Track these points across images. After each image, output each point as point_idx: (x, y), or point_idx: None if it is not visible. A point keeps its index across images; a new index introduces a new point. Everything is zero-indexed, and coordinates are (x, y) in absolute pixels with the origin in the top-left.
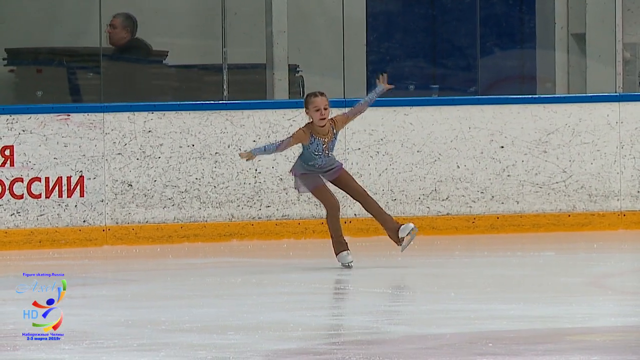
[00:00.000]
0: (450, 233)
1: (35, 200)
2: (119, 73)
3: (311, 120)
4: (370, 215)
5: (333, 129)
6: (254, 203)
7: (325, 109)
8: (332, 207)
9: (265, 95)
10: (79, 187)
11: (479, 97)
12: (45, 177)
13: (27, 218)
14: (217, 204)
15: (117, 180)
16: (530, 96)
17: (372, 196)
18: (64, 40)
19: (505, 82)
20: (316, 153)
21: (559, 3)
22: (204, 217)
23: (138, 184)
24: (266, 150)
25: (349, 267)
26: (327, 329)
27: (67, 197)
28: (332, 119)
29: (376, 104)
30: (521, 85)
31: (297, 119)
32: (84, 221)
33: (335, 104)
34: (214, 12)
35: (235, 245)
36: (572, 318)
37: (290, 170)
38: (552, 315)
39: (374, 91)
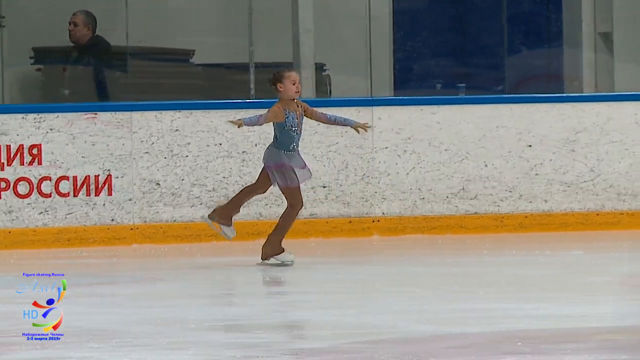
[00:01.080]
0: (479, 232)
1: (64, 198)
2: (146, 72)
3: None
4: (397, 214)
5: (300, 107)
6: (282, 202)
7: (299, 84)
8: (299, 208)
9: None
10: (106, 185)
11: (506, 95)
12: (73, 176)
13: (55, 217)
14: (245, 203)
15: (144, 179)
16: (558, 95)
17: (397, 195)
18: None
19: (533, 81)
20: (293, 128)
21: (586, 2)
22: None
23: (166, 182)
24: (250, 120)
25: (292, 264)
26: (355, 328)
27: (95, 195)
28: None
29: (403, 102)
30: (548, 84)
31: None
32: (112, 220)
33: (362, 102)
34: (240, 10)
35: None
36: (600, 317)
37: (269, 166)
38: (581, 314)
39: (347, 120)
